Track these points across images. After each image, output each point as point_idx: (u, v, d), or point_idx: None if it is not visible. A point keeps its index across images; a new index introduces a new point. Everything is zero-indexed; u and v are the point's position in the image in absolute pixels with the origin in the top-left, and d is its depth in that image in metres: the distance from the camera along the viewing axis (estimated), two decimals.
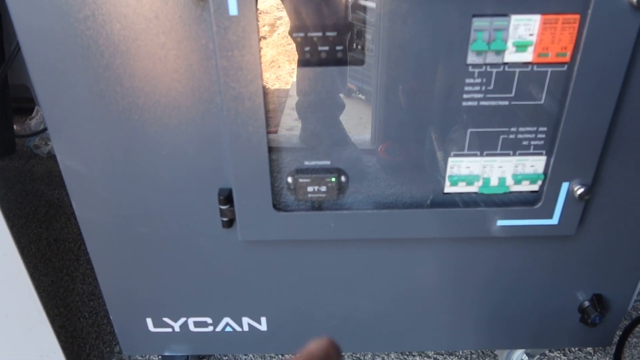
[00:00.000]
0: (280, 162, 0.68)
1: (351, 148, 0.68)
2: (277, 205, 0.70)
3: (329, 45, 0.60)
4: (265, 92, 0.62)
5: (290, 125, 0.67)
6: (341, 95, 0.65)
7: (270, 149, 0.66)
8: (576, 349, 1.03)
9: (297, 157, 0.68)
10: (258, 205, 0.68)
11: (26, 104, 1.77)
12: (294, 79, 0.64)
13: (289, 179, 0.68)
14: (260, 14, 0.58)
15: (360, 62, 0.62)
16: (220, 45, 0.57)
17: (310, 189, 0.68)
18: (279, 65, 0.62)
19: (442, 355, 1.03)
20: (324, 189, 0.68)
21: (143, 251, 0.76)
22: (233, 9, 0.55)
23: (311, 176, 0.67)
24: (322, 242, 0.75)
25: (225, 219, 0.71)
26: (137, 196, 0.71)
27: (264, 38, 0.59)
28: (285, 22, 0.59)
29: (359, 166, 0.69)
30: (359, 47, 0.61)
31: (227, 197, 0.69)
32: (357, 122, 0.67)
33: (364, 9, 0.59)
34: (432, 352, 1.04)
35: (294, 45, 0.60)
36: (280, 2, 0.58)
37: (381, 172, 0.70)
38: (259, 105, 0.61)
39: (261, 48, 0.59)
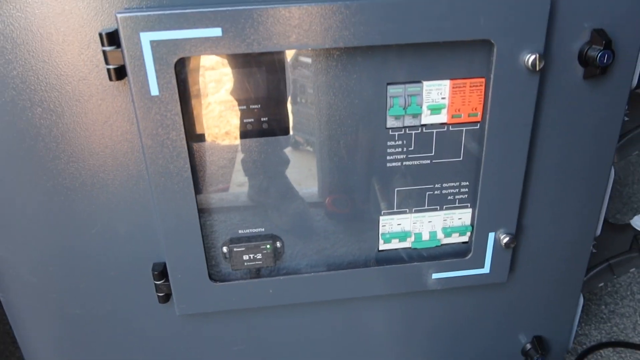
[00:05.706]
0: (216, 230, 0.68)
1: (297, 202, 0.68)
2: (214, 276, 0.69)
3: (254, 118, 0.62)
4: (213, 149, 0.62)
5: (241, 181, 0.67)
6: (285, 150, 0.66)
7: (206, 212, 0.65)
8: None
9: (233, 224, 0.68)
10: (193, 277, 0.67)
11: None
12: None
13: (224, 249, 0.68)
14: (206, 70, 0.59)
15: (286, 132, 0.64)
16: (144, 125, 0.57)
17: (245, 257, 0.68)
18: (227, 120, 0.62)
19: None
20: (259, 256, 0.68)
21: (77, 333, 0.73)
22: (154, 89, 0.56)
23: (246, 245, 0.67)
24: (265, 307, 0.74)
25: (161, 294, 0.69)
26: (68, 277, 0.68)
27: (211, 94, 0.60)
28: (230, 79, 0.60)
29: (301, 226, 0.69)
30: (303, 100, 0.63)
31: (161, 272, 0.67)
32: (307, 174, 0.68)
33: (304, 64, 0.61)
34: None
35: None
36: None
37: (321, 233, 0.70)
38: (188, 181, 0.61)
39: (208, 103, 0.60)
